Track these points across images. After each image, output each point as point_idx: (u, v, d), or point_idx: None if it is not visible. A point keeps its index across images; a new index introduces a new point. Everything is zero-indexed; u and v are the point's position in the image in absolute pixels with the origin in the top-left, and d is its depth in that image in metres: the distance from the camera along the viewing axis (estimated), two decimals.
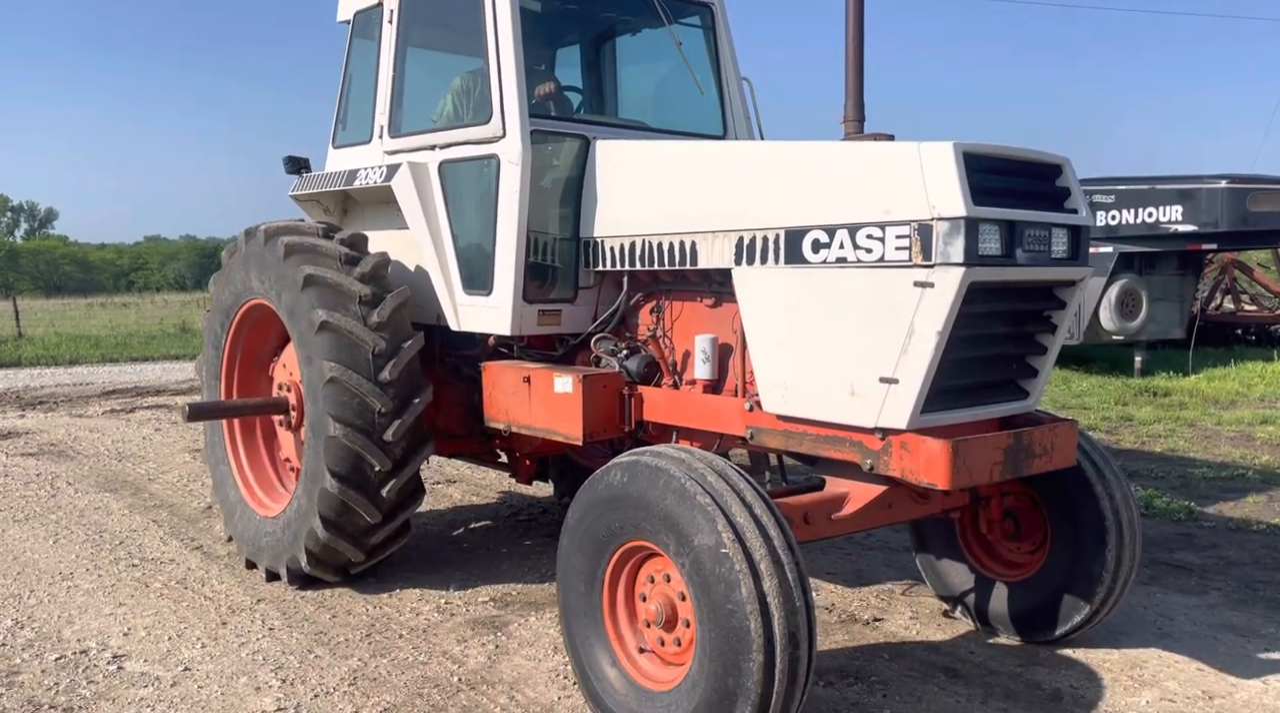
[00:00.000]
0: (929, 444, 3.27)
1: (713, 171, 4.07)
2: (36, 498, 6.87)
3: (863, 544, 5.80)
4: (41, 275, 71.47)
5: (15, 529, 6.07)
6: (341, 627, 4.46)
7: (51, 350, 18.63)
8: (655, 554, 3.33)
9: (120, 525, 6.15)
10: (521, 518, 6.40)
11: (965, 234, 3.12)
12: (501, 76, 4.53)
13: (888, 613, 4.66)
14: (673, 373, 4.41)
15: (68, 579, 5.11)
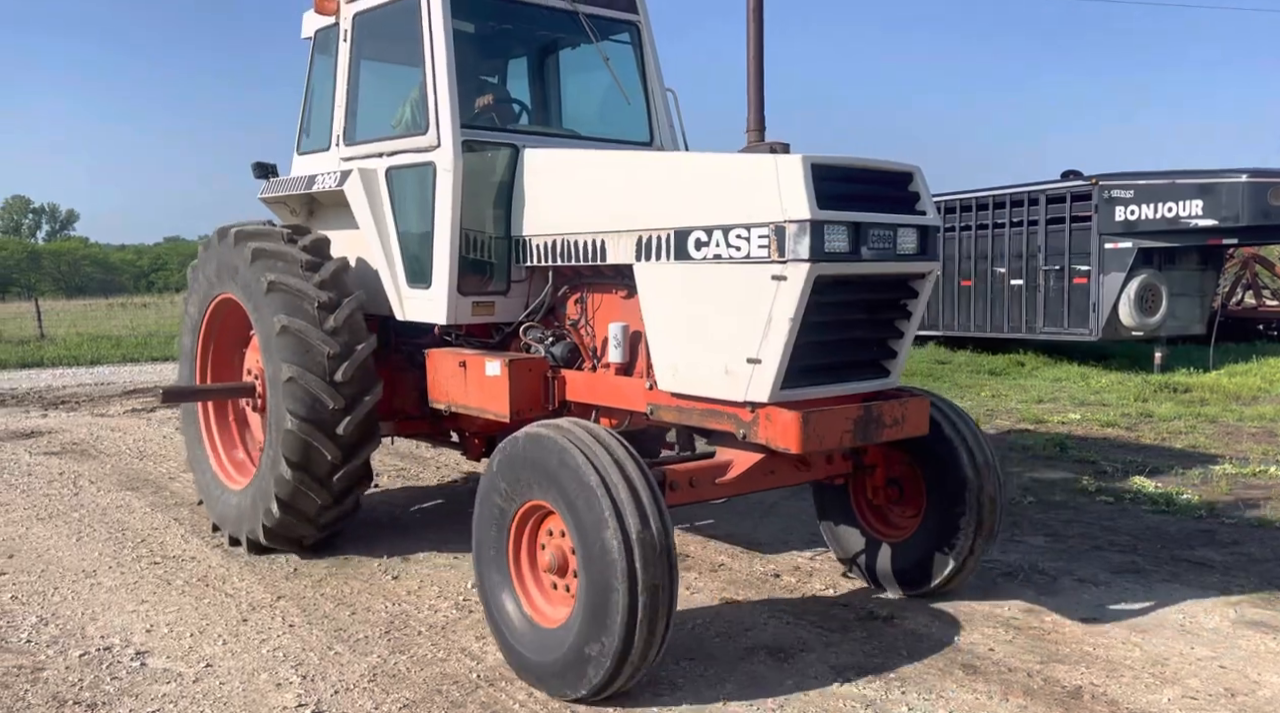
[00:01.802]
0: (784, 415, 3.80)
1: (617, 178, 4.59)
2: (60, 496, 6.95)
3: None
4: (63, 276, 72.17)
5: (39, 527, 6.13)
6: (361, 624, 4.49)
7: (73, 351, 18.81)
8: (552, 513, 3.82)
9: (142, 524, 6.21)
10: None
11: (811, 234, 3.64)
12: (436, 92, 5.02)
13: (906, 611, 4.64)
14: (592, 357, 4.93)
15: (91, 577, 5.17)
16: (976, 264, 16.15)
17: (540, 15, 5.65)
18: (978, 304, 16.14)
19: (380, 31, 5.68)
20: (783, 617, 4.57)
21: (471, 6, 5.37)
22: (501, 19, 5.73)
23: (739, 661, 4.07)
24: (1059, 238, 14.70)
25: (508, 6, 5.58)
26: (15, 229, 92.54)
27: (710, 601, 4.79)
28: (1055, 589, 4.93)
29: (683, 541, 5.80)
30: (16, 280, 66.22)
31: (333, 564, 5.35)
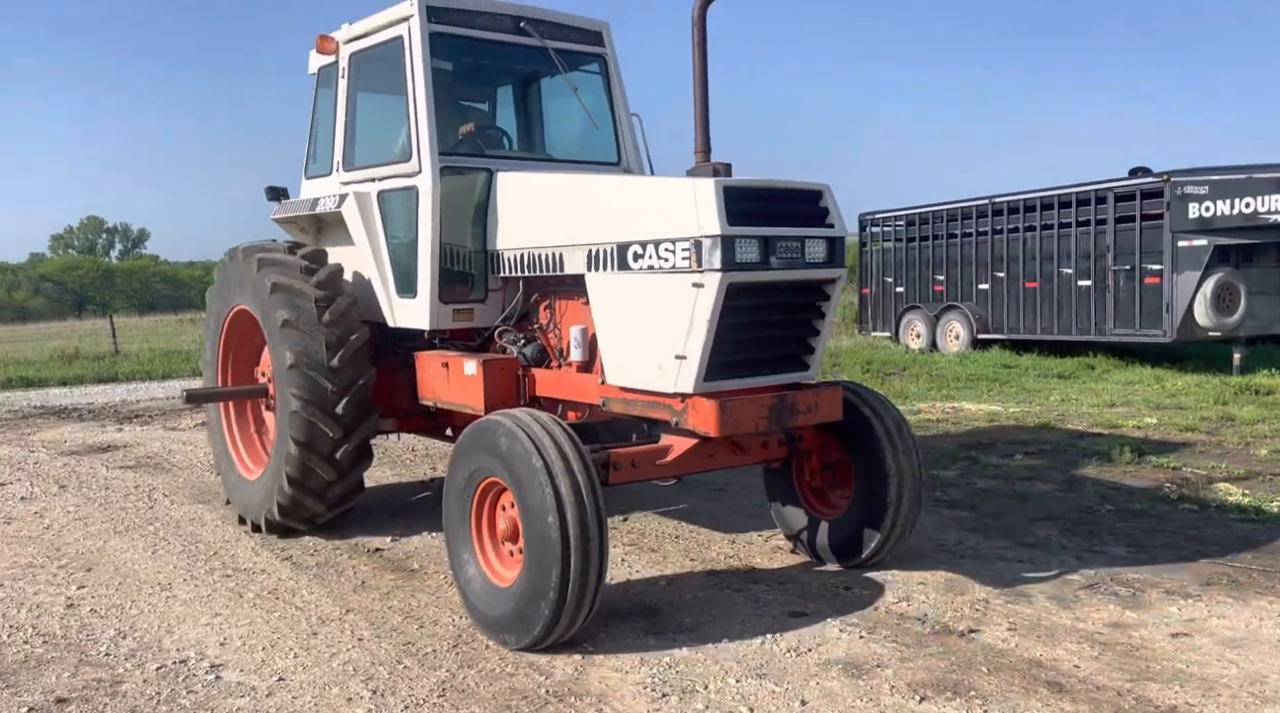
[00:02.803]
0: (705, 403, 4.37)
1: (572, 198, 5.20)
2: (135, 510, 7.10)
3: (954, 552, 5.62)
4: (135, 293, 74.47)
5: (117, 540, 6.27)
6: (429, 637, 4.48)
7: (146, 365, 19.34)
8: (506, 488, 4.37)
9: (214, 536, 6.31)
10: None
11: (723, 247, 4.18)
12: (417, 125, 5.65)
13: (984, 623, 4.50)
14: (558, 357, 5.51)
15: (166, 589, 5.26)
16: (1041, 265, 15.76)
17: (513, 51, 6.21)
18: (1044, 306, 15.74)
19: (372, 68, 6.26)
20: (855, 630, 4.45)
21: (449, 46, 5.92)
22: (478, 56, 6.25)
23: (812, 677, 3.97)
24: (1129, 237, 14.28)
25: (483, 45, 6.08)
26: (90, 248, 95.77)
27: (779, 613, 4.69)
28: (1141, 602, 4.73)
29: (749, 553, 5.71)
30: (92, 298, 68.52)
31: (399, 577, 5.37)
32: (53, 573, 5.59)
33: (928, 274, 18.13)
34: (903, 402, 11.83)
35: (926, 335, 17.88)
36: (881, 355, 16.62)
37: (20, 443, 10.50)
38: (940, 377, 13.94)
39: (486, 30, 6.02)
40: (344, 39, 6.39)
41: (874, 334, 19.60)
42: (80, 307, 63.39)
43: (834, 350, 17.72)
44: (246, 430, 6.88)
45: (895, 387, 12.94)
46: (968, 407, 11.37)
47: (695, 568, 5.45)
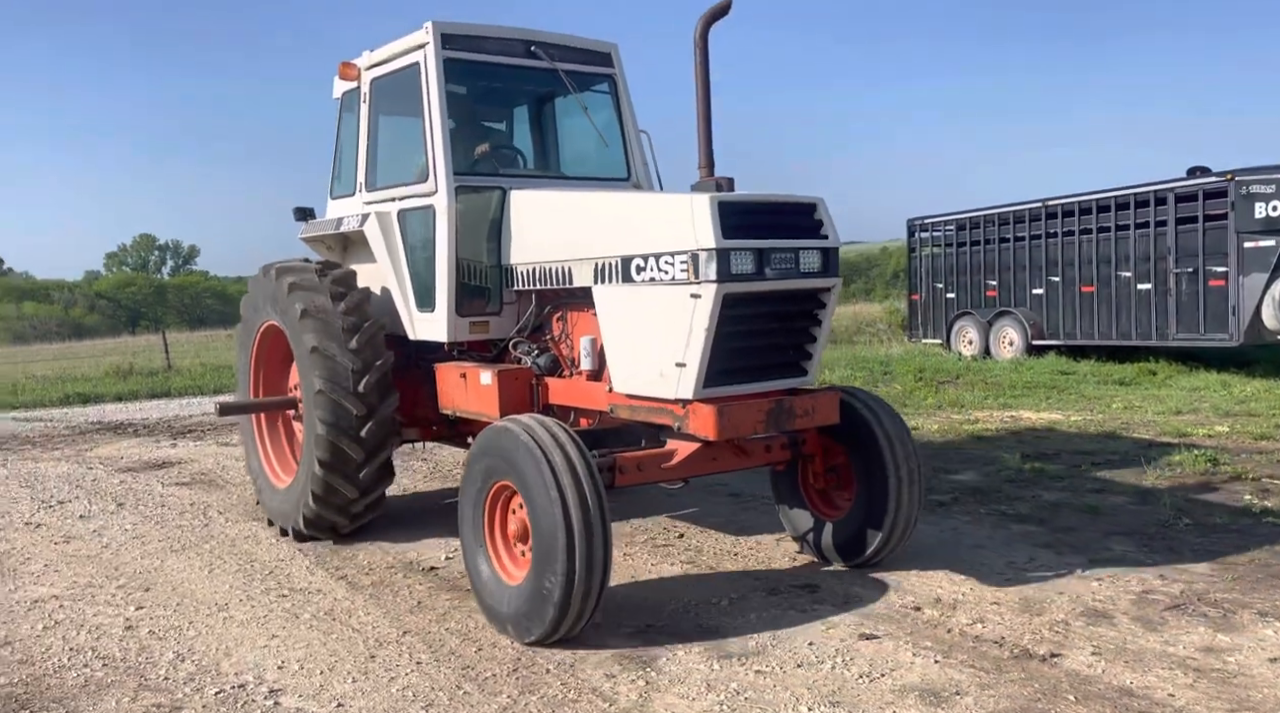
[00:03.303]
0: (704, 409, 4.55)
1: (579, 214, 5.40)
2: (191, 527, 7.11)
3: (1026, 570, 5.40)
4: (186, 309, 75.91)
5: (174, 559, 6.27)
6: (488, 661, 4.38)
7: (198, 380, 19.59)
8: (516, 491, 4.55)
9: (269, 555, 6.28)
10: (659, 543, 6.24)
11: (718, 260, 4.36)
12: (433, 147, 5.87)
13: (1066, 647, 4.28)
14: (570, 366, 5.71)
15: (223, 610, 5.22)
16: (1099, 269, 15.36)
17: (526, 74, 6.41)
18: (1101, 311, 15.34)
19: (392, 93, 6.48)
20: (929, 654, 4.27)
21: (463, 70, 6.13)
22: (491, 79, 6.49)
23: (887, 706, 3.80)
24: (1191, 238, 13.86)
25: (496, 69, 6.28)
26: (143, 265, 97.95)
27: (848, 635, 4.52)
28: (1233, 625, 4.49)
29: (811, 571, 5.54)
30: (145, 314, 69.97)
31: (455, 597, 5.28)
32: (111, 593, 5.59)
33: (979, 279, 17.78)
34: (958, 410, 11.55)
35: (979, 342, 17.51)
36: (934, 363, 16.30)
37: (79, 459, 10.64)
38: (995, 384, 13.62)
39: (499, 55, 6.21)
40: (365, 65, 6.63)
41: (924, 341, 19.26)
42: (134, 323, 64.73)
43: (885, 358, 17.42)
44: (278, 440, 7.17)
45: (950, 395, 12.65)
46: (1027, 415, 11.06)
47: (756, 586, 5.29)
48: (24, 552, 6.58)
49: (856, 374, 14.90)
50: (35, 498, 8.40)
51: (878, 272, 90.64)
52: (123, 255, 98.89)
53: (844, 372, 15.24)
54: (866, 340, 24.92)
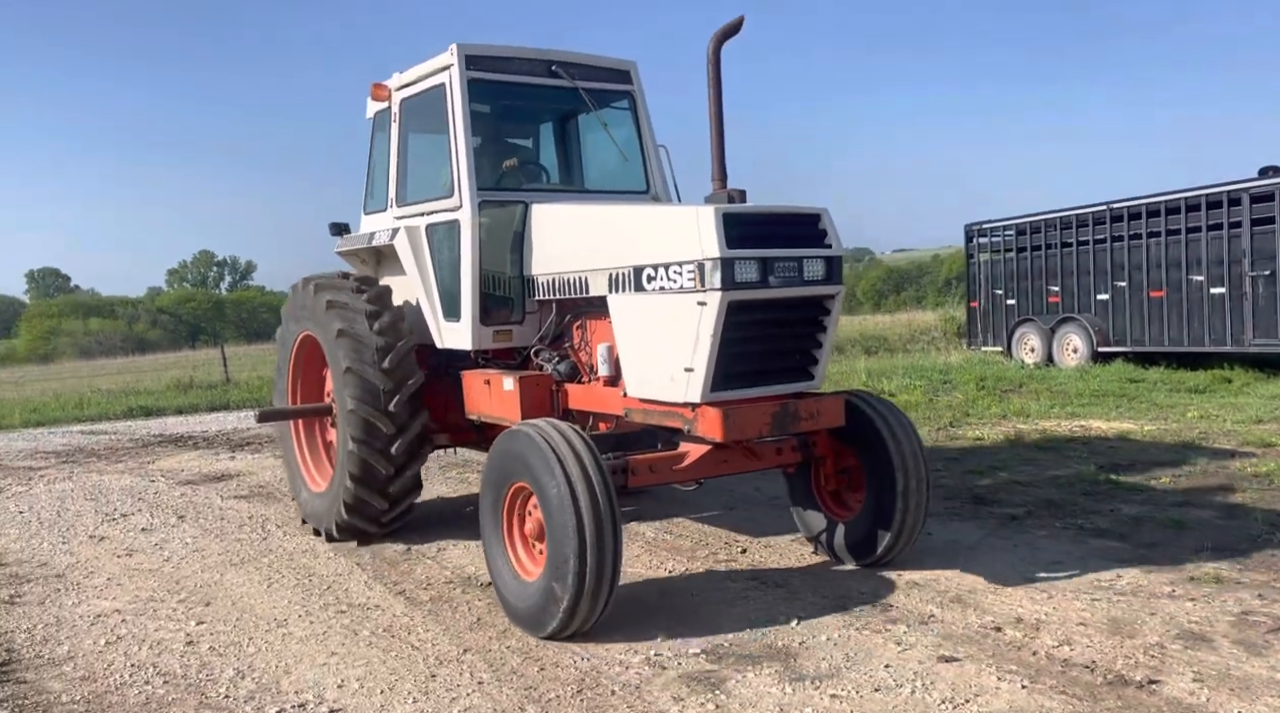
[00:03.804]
0: (711, 412, 4.72)
1: (595, 227, 5.60)
2: (250, 541, 7.10)
3: (1112, 588, 5.12)
4: (243, 323, 77.46)
5: (233, 573, 6.24)
6: (551, 681, 4.24)
7: (255, 393, 19.86)
8: (533, 492, 4.71)
9: (327, 569, 6.23)
10: (721, 558, 6.06)
11: (723, 269, 4.54)
12: (457, 164, 6.11)
13: (1164, 673, 4.02)
14: (588, 373, 5.88)
15: (282, 626, 5.16)
16: (1168, 273, 14.85)
17: (547, 92, 6.61)
18: (1171, 316, 14.82)
19: (420, 112, 6.72)
20: (1014, 679, 4.03)
21: (486, 90, 6.35)
22: (514, 98, 6.69)
23: None
24: (1267, 240, 13.33)
25: (518, 88, 6.50)
26: (202, 281, 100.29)
27: (927, 657, 4.30)
28: None
29: (882, 587, 5.32)
30: (205, 328, 71.56)
31: None
32: (172, 608, 5.56)
33: (1041, 285, 17.32)
34: (1024, 420, 11.19)
35: (1042, 349, 17.04)
36: (995, 371, 15.87)
37: (141, 472, 10.76)
38: (1061, 393, 13.20)
39: (521, 74, 6.42)
40: (395, 86, 6.89)
41: (984, 349, 18.81)
42: (194, 337, 66.19)
43: (943, 367, 17.03)
44: (314, 445, 7.43)
45: (1015, 404, 12.27)
46: (1097, 425, 10.67)
47: (827, 605, 5.09)
48: (88, 565, 6.61)
49: (915, 383, 14.55)
50: (99, 511, 8.48)
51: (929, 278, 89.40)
52: (183, 271, 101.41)
53: (902, 380, 14.90)
54: (922, 348, 24.48)
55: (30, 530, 7.78)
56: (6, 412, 18.94)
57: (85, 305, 76.17)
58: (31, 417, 18.19)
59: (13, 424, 17.53)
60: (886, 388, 14.12)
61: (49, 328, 65.66)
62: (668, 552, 6.27)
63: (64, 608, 5.64)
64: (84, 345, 58.06)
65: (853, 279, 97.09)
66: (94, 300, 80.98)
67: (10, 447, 14.07)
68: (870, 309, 68.15)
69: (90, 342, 59.21)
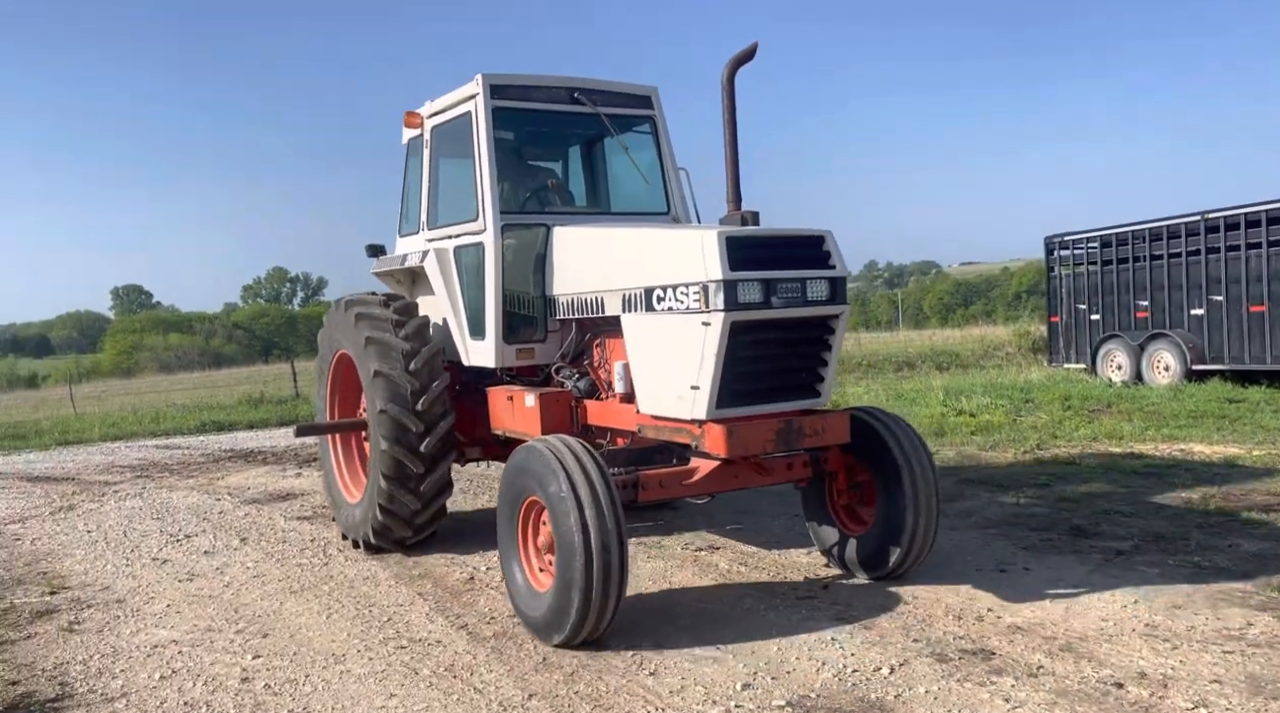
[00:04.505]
0: (716, 428, 4.87)
1: (610, 248, 5.78)
2: (310, 566, 6.92)
3: (1243, 639, 4.59)
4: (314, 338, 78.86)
5: (292, 601, 6.05)
6: None
7: None
8: (545, 506, 4.84)
9: (388, 599, 5.99)
10: (801, 594, 5.67)
11: (725, 290, 4.69)
12: (482, 189, 6.34)
13: None
14: (606, 390, 6.05)
15: (340, 662, 4.91)
16: (1270, 286, 13.99)
17: (570, 118, 6.81)
18: (1274, 332, 13.95)
19: (449, 139, 6.93)
20: None
21: (511, 118, 6.57)
22: (538, 124, 6.90)
23: None
24: None
25: (542, 115, 6.70)
26: (276, 297, 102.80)
27: None
28: None
29: (982, 631, 4.87)
30: (277, 343, 73.12)
31: (582, 654, 4.83)
32: (230, 638, 5.37)
33: (1128, 300, 16.51)
34: (1117, 442, 10.54)
35: (1129, 367, 16.22)
36: (1080, 390, 15.12)
37: (209, 489, 10.75)
38: (1155, 414, 12.46)
39: (545, 102, 6.63)
40: (427, 114, 7.14)
41: (1066, 366, 18.02)
42: (267, 352, 67.68)
43: (1023, 385, 16.32)
44: (351, 460, 7.75)
45: (1105, 425, 11.60)
46: (1198, 449, 9.98)
47: (920, 650, 4.67)
48: (148, 589, 6.49)
49: (996, 402, 13.91)
50: (164, 531, 8.42)
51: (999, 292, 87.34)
52: (257, 288, 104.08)
53: (981, 399, 14.27)
54: (996, 365, 23.65)
55: (96, 552, 7.73)
56: (87, 426, 19.38)
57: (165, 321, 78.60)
58: (110, 431, 18.56)
59: (92, 438, 17.90)
60: (966, 407, 13.52)
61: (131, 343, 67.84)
62: (744, 583, 5.90)
63: (121, 637, 5.49)
64: (163, 360, 59.79)
65: (919, 293, 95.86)
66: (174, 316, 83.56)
67: (88, 461, 14.30)
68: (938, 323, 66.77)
69: (169, 356, 60.94)
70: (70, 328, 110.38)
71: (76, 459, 14.67)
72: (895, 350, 29.92)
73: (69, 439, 17.88)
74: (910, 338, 40.72)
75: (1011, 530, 6.93)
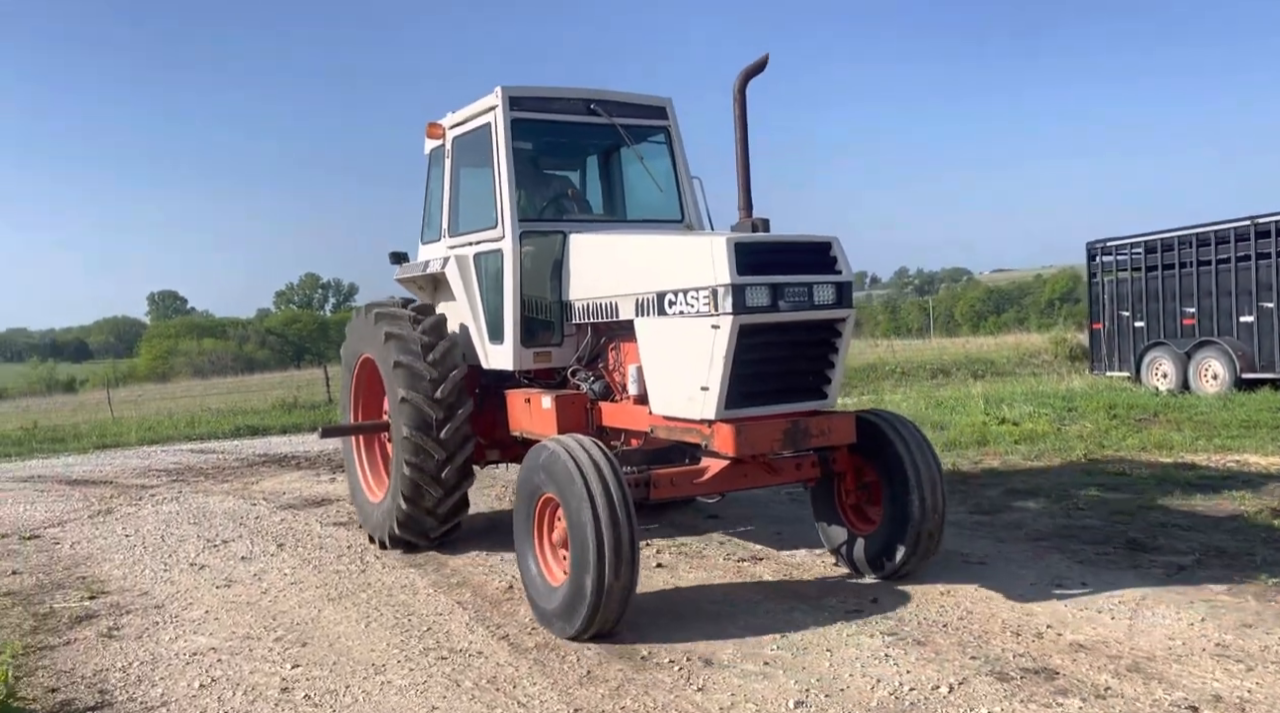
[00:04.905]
0: (724, 428, 5.03)
1: (624, 254, 5.97)
2: (348, 573, 6.84)
3: None
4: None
5: (330, 609, 5.97)
6: None
7: None
8: (560, 504, 5.02)
9: (427, 608, 5.89)
10: (850, 607, 5.50)
11: (734, 294, 4.85)
12: (501, 198, 6.57)
13: None
14: (620, 391, 6.20)
15: (380, 673, 4.82)
16: None
17: (587, 129, 6.99)
18: None
19: (470, 149, 7.13)
20: None
21: (529, 129, 6.78)
22: (556, 135, 7.06)
23: None
24: None
25: (559, 126, 6.90)
26: (308, 303, 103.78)
27: None
28: None
29: (1042, 648, 4.68)
30: (309, 349, 73.76)
31: (628, 667, 4.70)
32: (269, 647, 5.30)
33: (1174, 307, 16.14)
34: (1167, 452, 10.25)
35: (1175, 375, 15.85)
36: (1125, 398, 14.79)
37: (244, 494, 10.75)
38: (1205, 424, 12.13)
39: (562, 113, 6.83)
40: (449, 125, 7.36)
41: (1109, 374, 17.65)
42: (299, 357, 68.25)
43: (1065, 393, 15.99)
44: (374, 461, 8.03)
45: (1155, 435, 11.30)
46: (1254, 459, 9.68)
47: (979, 668, 4.49)
48: (186, 596, 6.44)
49: (1039, 411, 13.63)
50: (201, 536, 8.39)
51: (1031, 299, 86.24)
52: (290, 294, 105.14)
53: (1023, 407, 13.99)
54: (1033, 372, 23.27)
55: (134, 556, 7.71)
56: (124, 430, 19.57)
57: (199, 326, 79.60)
58: (147, 435, 18.72)
59: (129, 442, 18.05)
60: (1008, 416, 13.25)
61: (167, 348, 68.75)
62: (790, 594, 5.74)
63: (160, 643, 5.43)
64: (198, 364, 60.50)
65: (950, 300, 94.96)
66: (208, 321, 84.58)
67: (125, 465, 14.39)
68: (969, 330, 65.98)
69: (204, 361, 61.68)
70: (107, 333, 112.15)
71: (114, 463, 14.78)
72: (929, 358, 29.55)
73: (106, 443, 18.04)
74: (944, 345, 40.24)
75: (1065, 544, 6.71)
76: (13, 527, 9.29)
